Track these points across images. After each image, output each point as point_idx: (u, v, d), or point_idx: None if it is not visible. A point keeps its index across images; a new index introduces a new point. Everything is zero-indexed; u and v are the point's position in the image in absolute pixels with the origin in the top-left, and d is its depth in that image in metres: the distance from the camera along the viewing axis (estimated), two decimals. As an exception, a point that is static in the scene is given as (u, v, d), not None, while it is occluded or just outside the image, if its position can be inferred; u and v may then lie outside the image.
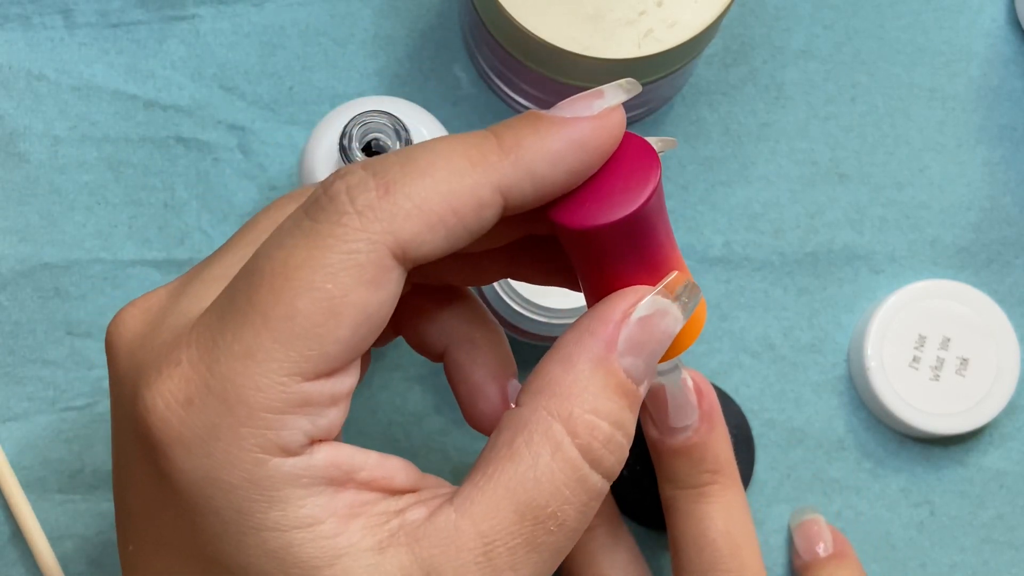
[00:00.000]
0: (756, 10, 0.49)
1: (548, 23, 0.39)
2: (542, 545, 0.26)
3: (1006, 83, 0.50)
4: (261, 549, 0.26)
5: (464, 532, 0.26)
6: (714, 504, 0.39)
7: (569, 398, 0.27)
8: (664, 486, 0.40)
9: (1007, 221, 0.49)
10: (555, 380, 0.27)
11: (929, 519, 0.48)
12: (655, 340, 0.28)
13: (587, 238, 0.27)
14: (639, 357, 0.27)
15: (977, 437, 0.48)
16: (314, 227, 0.26)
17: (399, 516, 0.27)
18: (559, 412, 0.27)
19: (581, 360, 0.27)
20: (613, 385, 0.27)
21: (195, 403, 0.26)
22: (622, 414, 0.27)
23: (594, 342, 0.27)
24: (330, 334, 0.25)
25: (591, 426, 0.27)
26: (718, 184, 0.48)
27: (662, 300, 0.28)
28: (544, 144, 0.27)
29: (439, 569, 0.26)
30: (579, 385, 0.27)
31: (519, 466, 0.26)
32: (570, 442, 0.26)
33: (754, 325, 0.48)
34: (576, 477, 0.27)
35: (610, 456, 0.27)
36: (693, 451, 0.39)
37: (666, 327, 0.28)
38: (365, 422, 0.47)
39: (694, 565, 0.39)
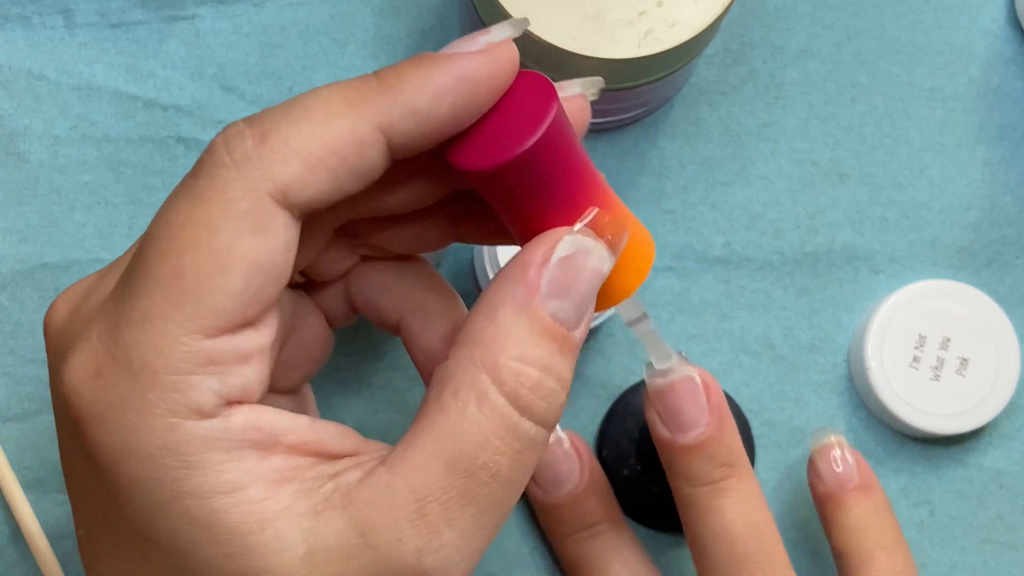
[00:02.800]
0: (756, 10, 0.49)
1: (548, 23, 0.40)
2: (477, 497, 0.26)
3: (1006, 83, 0.50)
4: (186, 517, 0.25)
5: (396, 490, 0.26)
6: (734, 498, 0.39)
7: (493, 346, 0.26)
8: (680, 486, 0.40)
9: (1007, 221, 0.49)
10: (479, 330, 0.27)
11: (929, 519, 0.48)
12: (582, 280, 0.27)
13: (489, 181, 0.27)
14: (566, 300, 0.27)
15: (977, 437, 0.48)
16: (195, 184, 0.26)
17: (334, 480, 0.26)
18: (484, 361, 0.26)
19: (503, 307, 0.27)
20: (539, 330, 0.26)
21: (103, 375, 0.25)
22: (552, 359, 0.27)
23: (515, 288, 0.27)
24: (220, 287, 0.25)
25: (516, 372, 0.26)
26: (718, 184, 0.48)
27: (583, 239, 0.27)
28: (425, 79, 0.26)
29: (374, 529, 0.26)
30: (502, 332, 0.26)
31: (447, 418, 0.26)
32: (496, 390, 0.26)
33: (754, 325, 0.48)
34: (505, 425, 0.26)
35: (540, 402, 0.27)
36: (707, 446, 0.39)
37: (592, 266, 0.27)
38: (365, 422, 0.47)
39: (725, 561, 0.38)
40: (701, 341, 0.48)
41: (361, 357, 0.47)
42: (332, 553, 0.26)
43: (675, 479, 0.40)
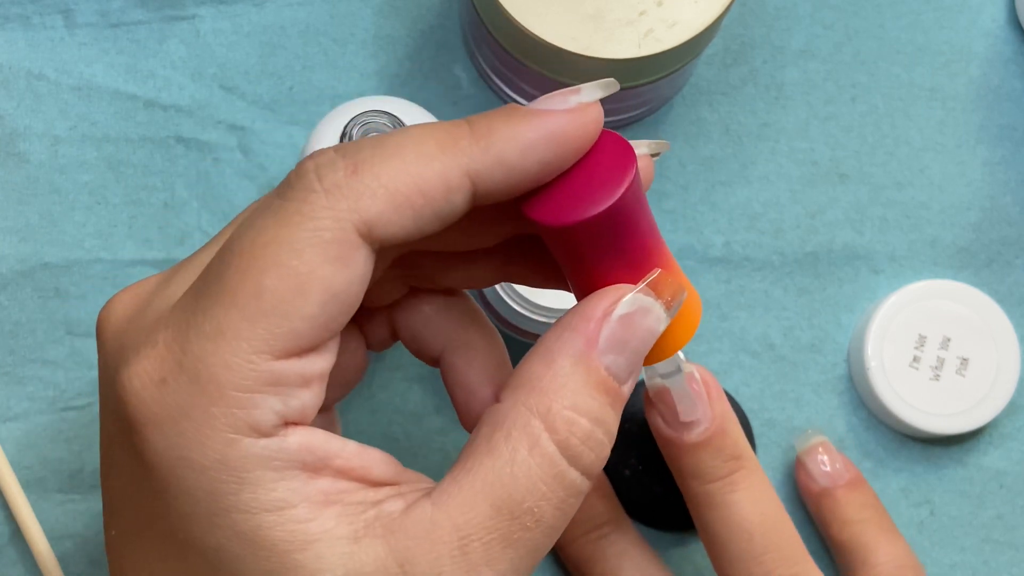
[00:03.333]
0: (756, 10, 0.49)
1: (548, 23, 0.40)
2: (518, 541, 0.26)
3: (1006, 83, 0.50)
4: (232, 531, 0.26)
5: (440, 525, 0.26)
6: (746, 490, 0.39)
7: (548, 394, 0.27)
8: (690, 484, 0.40)
9: (1007, 221, 0.49)
10: (535, 376, 0.27)
11: (929, 519, 0.48)
12: (637, 338, 0.28)
13: (561, 235, 0.27)
14: (621, 355, 0.27)
15: (977, 437, 0.48)
16: (283, 206, 0.26)
17: (376, 507, 0.27)
18: (538, 407, 0.27)
19: (561, 356, 0.27)
20: (594, 382, 0.27)
21: (168, 382, 0.26)
22: (603, 411, 0.27)
23: (575, 338, 0.27)
24: (297, 311, 0.25)
25: (570, 422, 0.27)
26: (718, 184, 0.48)
27: (644, 298, 0.28)
28: (516, 133, 0.27)
29: (413, 561, 0.26)
30: (559, 381, 0.27)
31: (496, 461, 0.26)
32: (548, 437, 0.26)
33: (754, 325, 0.48)
34: (553, 473, 0.27)
35: (589, 453, 0.27)
36: (714, 440, 0.39)
37: (649, 325, 0.28)
38: (365, 422, 0.47)
39: (746, 553, 0.38)
40: (701, 341, 0.48)
41: (361, 357, 0.47)
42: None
43: (685, 478, 0.40)
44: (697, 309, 0.30)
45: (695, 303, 0.30)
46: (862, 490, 0.45)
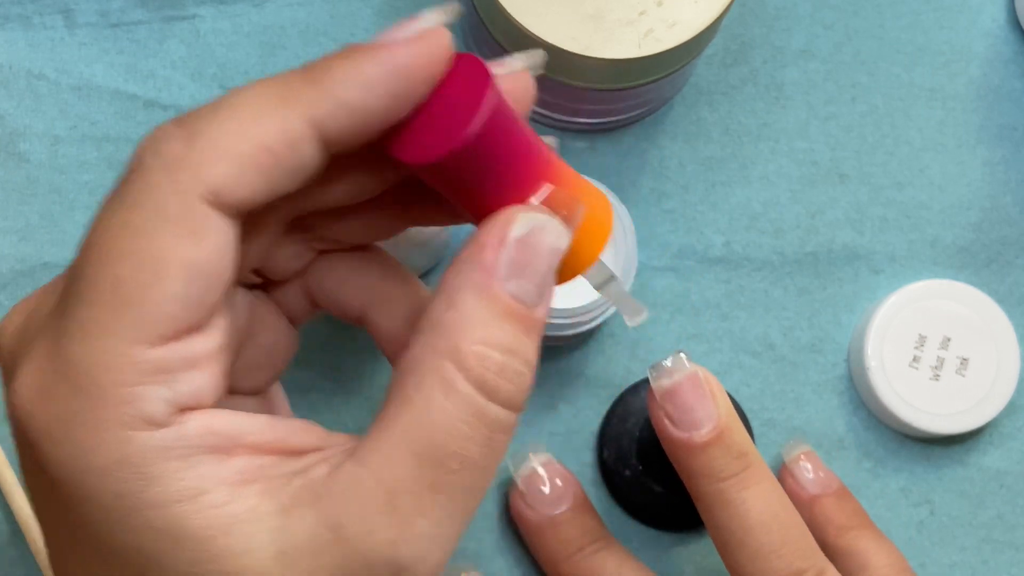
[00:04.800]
0: (756, 10, 0.49)
1: (548, 23, 0.40)
2: (448, 485, 0.26)
3: (1006, 83, 0.50)
4: (149, 529, 0.25)
5: (365, 483, 0.25)
6: (758, 486, 0.39)
7: (454, 332, 0.26)
8: (700, 484, 0.39)
9: (1007, 221, 0.49)
10: (439, 317, 0.26)
11: (929, 519, 0.48)
12: (539, 259, 0.27)
13: (431, 172, 0.26)
14: (525, 279, 0.26)
15: (977, 437, 0.48)
16: (126, 188, 0.25)
17: (301, 476, 0.26)
18: (446, 348, 0.26)
19: (462, 292, 0.26)
20: (500, 312, 0.26)
21: (51, 392, 0.25)
22: (515, 340, 0.26)
23: (472, 271, 0.26)
24: (159, 295, 0.25)
25: (481, 357, 0.26)
26: (718, 184, 0.49)
27: (538, 216, 0.27)
28: (355, 71, 0.26)
29: (345, 524, 0.25)
30: (463, 318, 0.26)
31: (412, 410, 0.26)
32: (461, 377, 0.26)
33: (754, 325, 0.48)
34: (473, 411, 0.26)
35: (507, 385, 0.26)
36: (723, 438, 0.39)
37: (549, 243, 0.27)
38: (365, 421, 0.47)
39: (764, 548, 0.38)
40: (701, 341, 0.48)
41: (361, 357, 0.47)
42: (303, 550, 0.25)
43: (694, 478, 0.40)
44: (607, 213, 0.29)
45: (604, 208, 0.29)
46: (850, 499, 0.45)
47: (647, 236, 0.48)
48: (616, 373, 0.48)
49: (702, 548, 0.47)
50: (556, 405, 0.47)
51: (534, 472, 0.45)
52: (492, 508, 0.47)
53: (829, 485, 0.45)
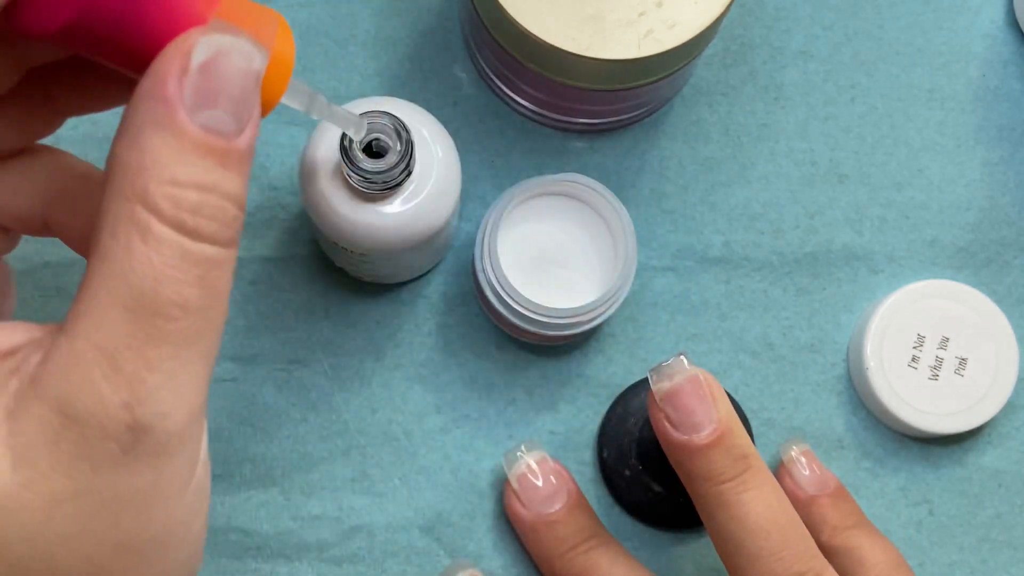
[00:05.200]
0: (756, 11, 0.49)
1: (548, 23, 0.40)
2: (172, 334, 0.24)
3: (1005, 84, 0.50)
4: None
5: (82, 353, 0.24)
6: (758, 488, 0.39)
7: (142, 174, 0.24)
8: (700, 486, 0.40)
9: (1006, 221, 0.49)
10: (123, 159, 0.24)
11: (928, 518, 0.48)
12: (232, 83, 0.24)
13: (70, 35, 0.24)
14: (219, 107, 0.24)
15: (975, 437, 0.48)
16: None
17: (16, 373, 0.24)
18: (135, 193, 0.24)
19: (145, 130, 0.24)
20: (190, 147, 0.24)
21: None
22: (211, 175, 0.24)
23: (153, 106, 0.24)
24: None
25: (173, 197, 0.24)
26: (718, 184, 0.49)
27: (220, 38, 0.24)
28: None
29: (72, 400, 0.23)
30: (149, 158, 0.24)
31: (112, 263, 0.24)
32: (156, 221, 0.24)
33: (753, 325, 0.48)
34: (177, 254, 0.24)
35: (210, 223, 0.24)
36: (724, 440, 0.39)
37: (240, 66, 0.24)
38: (365, 421, 0.47)
39: (763, 551, 0.38)
40: (701, 341, 0.48)
41: (361, 357, 0.47)
42: (39, 446, 0.24)
43: (695, 480, 0.40)
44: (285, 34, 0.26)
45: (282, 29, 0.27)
46: (847, 498, 0.45)
47: (647, 236, 0.48)
48: (616, 373, 0.48)
49: (702, 547, 0.47)
50: (556, 405, 0.48)
51: (527, 470, 0.45)
52: (491, 507, 0.47)
53: (827, 485, 0.45)
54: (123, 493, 0.24)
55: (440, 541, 0.47)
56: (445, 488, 0.47)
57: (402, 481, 0.47)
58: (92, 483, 0.24)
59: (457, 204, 0.43)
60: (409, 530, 0.47)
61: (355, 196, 0.40)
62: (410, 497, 0.47)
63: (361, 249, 0.41)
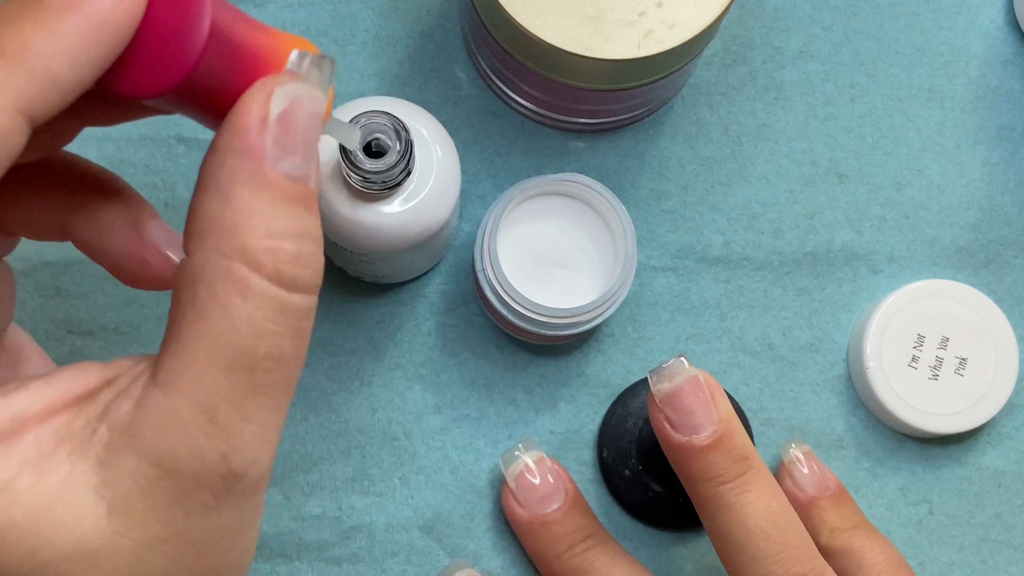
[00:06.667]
0: (755, 11, 0.49)
1: (548, 23, 0.40)
2: (266, 386, 0.25)
3: (1005, 84, 0.50)
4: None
5: (180, 409, 0.24)
6: (758, 490, 0.39)
7: (238, 231, 0.24)
8: (700, 487, 0.40)
9: (1006, 221, 0.49)
10: (215, 217, 0.24)
11: (928, 518, 0.48)
12: (304, 128, 0.25)
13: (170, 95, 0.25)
14: (295, 155, 0.25)
15: (975, 436, 0.48)
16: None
17: (103, 421, 0.25)
18: (233, 250, 0.24)
19: (235, 186, 0.24)
20: (279, 198, 0.24)
21: None
22: (300, 221, 0.25)
23: (240, 161, 0.24)
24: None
25: (272, 251, 0.24)
26: (718, 184, 0.49)
27: (291, 85, 0.25)
28: (56, 39, 0.23)
29: (170, 455, 0.24)
30: (242, 213, 0.24)
31: (211, 322, 0.24)
32: (257, 277, 0.24)
33: (753, 325, 0.48)
34: (276, 308, 0.24)
35: (305, 271, 0.25)
36: (723, 442, 0.39)
37: (310, 110, 0.25)
38: (365, 420, 0.47)
39: (763, 553, 0.38)
40: (701, 341, 0.48)
41: (361, 357, 0.47)
42: (133, 495, 0.24)
43: (695, 482, 0.40)
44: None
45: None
46: (847, 500, 0.45)
47: (647, 236, 0.48)
48: (616, 373, 0.48)
49: (701, 547, 0.47)
50: (556, 405, 0.48)
51: (525, 470, 0.45)
52: (490, 506, 0.47)
53: (827, 486, 0.45)
54: (211, 533, 0.25)
55: (440, 541, 0.47)
56: (445, 488, 0.47)
57: (402, 481, 0.47)
58: (184, 527, 0.25)
59: (457, 204, 0.43)
60: (409, 530, 0.47)
61: (355, 196, 0.40)
62: (410, 497, 0.47)
63: (361, 249, 0.41)
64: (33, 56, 0.23)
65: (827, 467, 0.46)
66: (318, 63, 0.26)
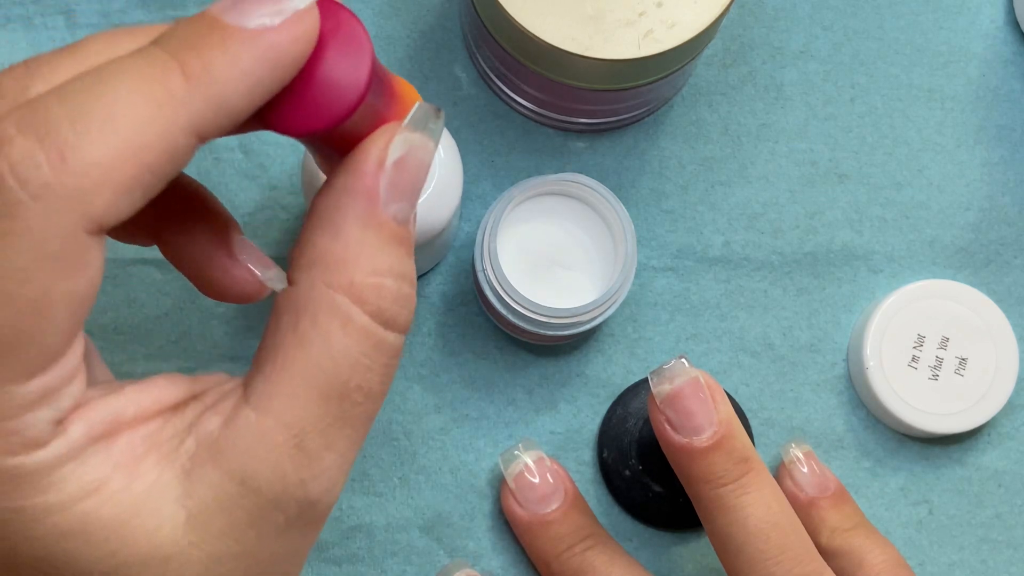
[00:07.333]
0: (755, 11, 0.49)
1: (548, 23, 0.40)
2: (352, 417, 0.26)
3: (1005, 84, 0.50)
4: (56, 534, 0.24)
5: (269, 430, 0.25)
6: (758, 491, 0.39)
7: (346, 266, 0.25)
8: (700, 488, 0.40)
9: (1006, 221, 0.49)
10: (325, 250, 0.25)
11: (928, 518, 0.48)
12: (414, 175, 0.26)
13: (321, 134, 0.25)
14: (404, 199, 0.26)
15: (975, 436, 0.48)
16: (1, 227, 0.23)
17: (191, 433, 0.25)
18: (339, 283, 0.25)
19: (348, 222, 0.25)
20: (387, 238, 0.26)
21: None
22: (402, 263, 0.26)
23: (356, 200, 0.26)
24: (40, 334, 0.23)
25: (377, 288, 0.26)
26: (718, 184, 0.49)
27: (410, 136, 0.26)
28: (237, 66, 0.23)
29: (254, 474, 0.25)
30: (353, 250, 0.25)
31: (311, 349, 0.25)
32: (359, 311, 0.25)
33: (753, 325, 0.48)
34: (373, 344, 0.26)
35: (402, 311, 0.26)
36: (724, 443, 0.39)
37: (421, 159, 0.26)
38: (365, 421, 0.47)
39: (763, 555, 0.38)
40: (701, 341, 0.48)
41: (361, 356, 0.47)
42: (213, 510, 0.25)
43: (695, 483, 0.40)
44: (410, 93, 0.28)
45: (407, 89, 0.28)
46: (848, 501, 0.45)
47: (647, 236, 0.48)
48: (616, 373, 0.48)
49: (702, 547, 0.47)
50: (556, 405, 0.48)
51: (524, 470, 0.45)
52: (490, 507, 0.47)
53: (827, 486, 0.45)
54: (276, 556, 0.26)
55: (440, 541, 0.47)
56: (445, 488, 0.47)
57: (402, 481, 0.47)
58: (254, 547, 0.26)
59: (457, 204, 0.43)
60: (409, 530, 0.47)
61: (355, 196, 0.40)
62: (410, 497, 0.47)
63: None
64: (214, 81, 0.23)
65: (827, 467, 0.46)
66: (434, 114, 0.27)
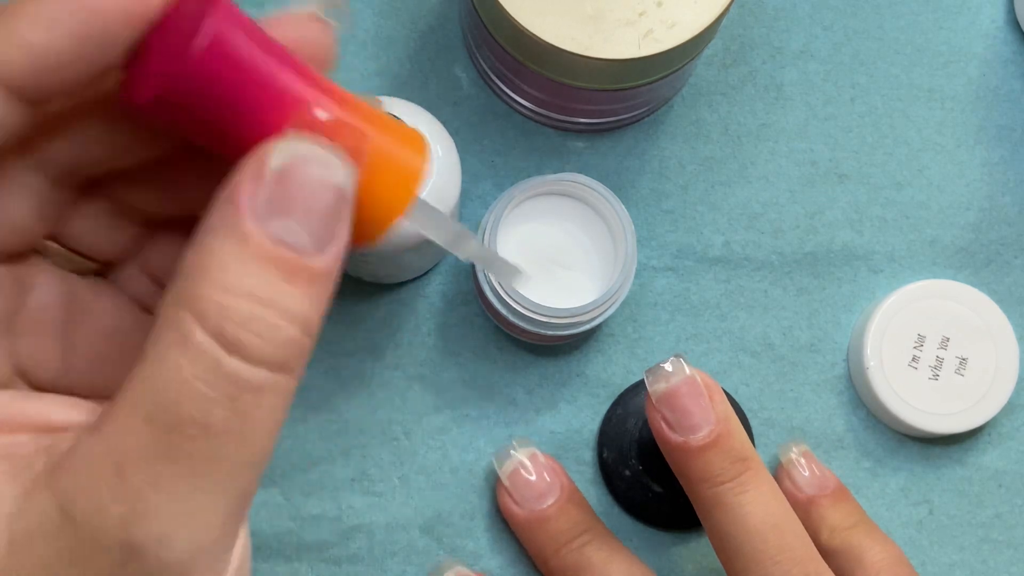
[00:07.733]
0: (755, 11, 0.49)
1: (548, 23, 0.40)
2: (185, 454, 0.22)
3: (1005, 84, 0.50)
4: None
5: (96, 455, 0.22)
6: (756, 490, 0.39)
7: (200, 279, 0.22)
8: (698, 487, 0.40)
9: (1006, 221, 0.49)
10: (188, 262, 0.22)
11: (928, 518, 0.48)
12: (308, 194, 0.23)
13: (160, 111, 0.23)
14: (291, 218, 0.22)
15: (976, 436, 0.48)
16: None
17: (46, 453, 0.23)
18: (187, 298, 0.22)
19: (212, 232, 0.22)
20: (252, 255, 0.22)
21: None
22: (272, 289, 0.22)
23: (219, 207, 0.23)
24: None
25: (220, 305, 0.22)
26: (718, 184, 0.49)
27: (299, 145, 0.23)
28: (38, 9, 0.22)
29: (74, 499, 0.22)
30: (208, 262, 0.22)
31: (146, 368, 0.22)
32: (199, 329, 0.22)
33: (753, 325, 0.48)
34: (207, 367, 0.22)
35: (255, 339, 0.22)
36: (720, 442, 0.39)
37: (319, 177, 0.23)
38: (365, 420, 0.47)
39: (761, 555, 0.38)
40: (701, 341, 0.48)
41: (361, 357, 0.47)
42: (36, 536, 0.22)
43: (692, 482, 0.40)
44: (415, 148, 0.25)
45: (408, 141, 0.25)
46: (847, 499, 0.45)
47: (647, 236, 0.48)
48: (616, 373, 0.48)
49: (702, 548, 0.47)
50: (556, 405, 0.48)
51: (519, 467, 0.45)
52: (490, 506, 0.47)
53: (826, 485, 0.45)
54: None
55: (439, 541, 0.47)
56: (444, 488, 0.47)
57: (401, 481, 0.47)
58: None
59: (457, 204, 0.43)
60: (408, 530, 0.47)
61: (355, 196, 0.40)
62: (409, 497, 0.47)
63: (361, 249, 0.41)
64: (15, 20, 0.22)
65: (827, 467, 0.46)
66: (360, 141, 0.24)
